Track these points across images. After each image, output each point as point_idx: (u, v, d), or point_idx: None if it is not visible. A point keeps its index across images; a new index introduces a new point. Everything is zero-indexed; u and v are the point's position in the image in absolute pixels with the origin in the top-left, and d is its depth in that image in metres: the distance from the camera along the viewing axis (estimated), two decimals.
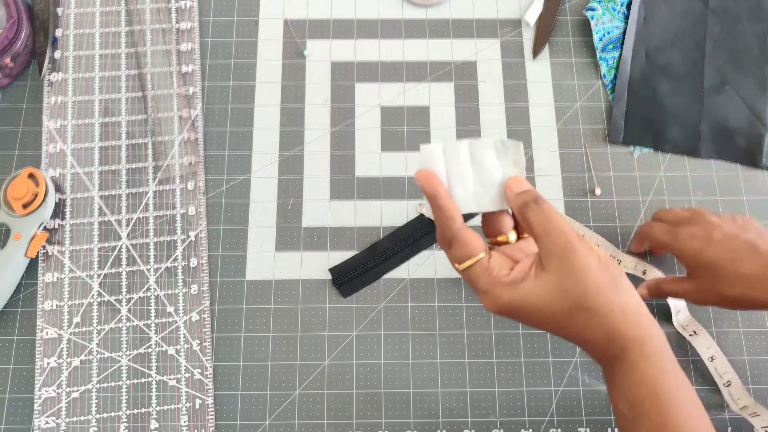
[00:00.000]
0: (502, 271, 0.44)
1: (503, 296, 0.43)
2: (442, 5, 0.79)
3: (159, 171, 0.71)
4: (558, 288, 0.42)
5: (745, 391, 0.63)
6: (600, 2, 0.77)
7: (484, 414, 0.65)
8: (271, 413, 0.64)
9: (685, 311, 0.66)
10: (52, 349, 0.65)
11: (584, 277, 0.42)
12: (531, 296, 0.43)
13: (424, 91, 0.76)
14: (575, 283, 0.42)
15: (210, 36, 0.77)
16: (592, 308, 0.42)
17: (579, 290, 0.42)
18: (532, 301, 0.43)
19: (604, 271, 0.42)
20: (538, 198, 0.44)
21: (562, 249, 0.42)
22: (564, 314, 0.43)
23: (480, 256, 0.45)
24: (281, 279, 0.68)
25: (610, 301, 0.42)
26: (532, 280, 0.43)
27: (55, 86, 0.73)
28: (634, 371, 0.42)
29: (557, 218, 0.43)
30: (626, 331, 0.42)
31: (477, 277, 0.45)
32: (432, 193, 0.46)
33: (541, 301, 0.43)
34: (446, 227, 0.45)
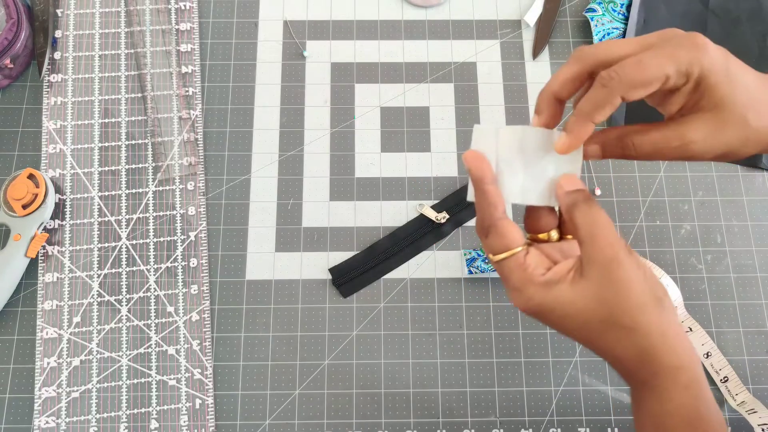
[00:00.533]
0: (538, 270, 0.41)
1: (535, 297, 0.41)
2: (442, 6, 0.79)
3: (159, 171, 0.71)
4: (595, 298, 0.39)
5: (743, 387, 0.63)
6: (600, 3, 0.77)
7: (484, 414, 0.64)
8: (271, 413, 0.64)
9: (681, 308, 0.66)
10: (52, 349, 0.65)
11: (626, 292, 0.39)
12: (565, 301, 0.40)
13: (424, 92, 0.76)
14: (615, 296, 0.39)
15: (210, 37, 0.77)
16: (629, 326, 0.39)
17: (618, 305, 0.39)
18: (565, 306, 0.40)
19: (648, 290, 0.39)
20: (590, 200, 0.41)
21: (607, 258, 0.39)
22: (597, 326, 0.40)
23: (517, 250, 0.42)
24: (281, 279, 0.68)
25: (649, 321, 0.39)
26: (568, 284, 0.40)
27: (55, 87, 0.73)
28: (668, 400, 0.40)
29: (606, 225, 0.40)
30: (663, 356, 0.39)
31: (510, 271, 0.42)
32: (478, 177, 0.43)
33: (574, 308, 0.40)
34: (487, 214, 0.43)
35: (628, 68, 0.40)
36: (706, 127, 0.41)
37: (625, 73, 0.40)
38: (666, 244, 0.70)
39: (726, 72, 0.40)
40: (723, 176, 0.72)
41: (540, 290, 0.41)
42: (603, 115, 0.41)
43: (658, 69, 0.39)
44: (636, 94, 0.40)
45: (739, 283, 0.69)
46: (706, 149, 0.41)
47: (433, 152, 0.73)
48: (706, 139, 0.41)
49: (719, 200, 0.71)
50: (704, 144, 0.41)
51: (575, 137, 0.42)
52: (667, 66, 0.39)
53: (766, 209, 0.71)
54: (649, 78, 0.39)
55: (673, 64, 0.39)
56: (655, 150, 0.42)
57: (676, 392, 0.39)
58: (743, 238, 0.70)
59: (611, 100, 0.40)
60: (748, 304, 0.68)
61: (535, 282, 0.41)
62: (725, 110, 0.40)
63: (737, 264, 0.69)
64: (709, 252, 0.70)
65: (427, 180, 0.72)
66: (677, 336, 0.40)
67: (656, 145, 0.42)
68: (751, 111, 0.41)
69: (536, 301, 0.41)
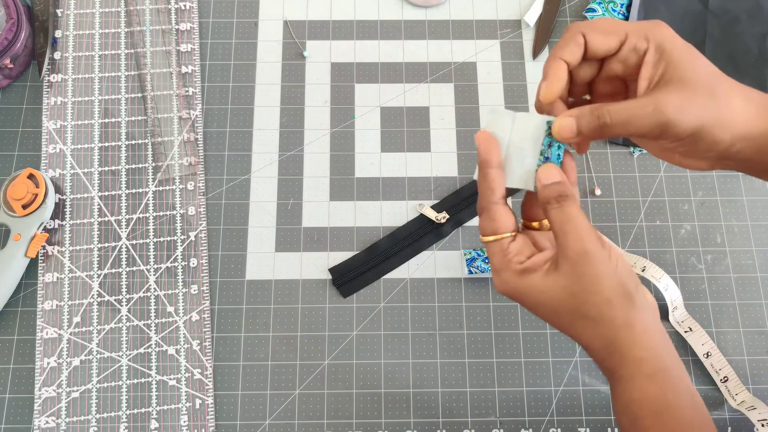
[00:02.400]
0: (518, 257, 0.44)
1: (510, 281, 0.43)
2: (442, 6, 0.79)
3: (159, 171, 0.71)
4: (565, 290, 0.41)
5: (743, 387, 0.63)
6: (600, 3, 0.77)
7: (484, 414, 0.64)
8: (271, 413, 0.64)
9: (681, 308, 0.66)
10: (52, 349, 0.65)
11: (594, 286, 0.41)
12: (536, 290, 0.42)
13: (424, 91, 0.76)
14: (583, 290, 0.41)
15: (210, 37, 0.77)
16: (595, 318, 0.41)
17: (585, 298, 0.41)
18: (536, 294, 0.43)
19: (616, 285, 0.41)
20: (563, 196, 0.42)
21: (576, 253, 0.41)
22: (566, 316, 0.42)
23: (504, 236, 0.44)
24: (281, 279, 0.68)
25: (615, 315, 0.41)
26: (542, 274, 0.42)
27: (55, 87, 0.73)
28: (634, 389, 0.41)
29: (578, 220, 0.42)
30: (627, 348, 0.41)
31: (493, 254, 0.44)
32: (485, 159, 0.44)
33: (544, 296, 0.42)
34: (485, 196, 0.44)
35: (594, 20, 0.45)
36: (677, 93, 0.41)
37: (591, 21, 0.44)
38: (666, 244, 0.70)
39: (688, 49, 0.43)
40: (723, 176, 0.72)
41: (515, 276, 0.43)
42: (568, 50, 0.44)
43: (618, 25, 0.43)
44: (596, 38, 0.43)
45: (739, 283, 0.69)
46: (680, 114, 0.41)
47: (433, 152, 0.73)
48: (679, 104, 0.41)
49: (719, 200, 0.71)
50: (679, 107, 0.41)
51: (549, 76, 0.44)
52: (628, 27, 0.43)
53: (766, 209, 0.71)
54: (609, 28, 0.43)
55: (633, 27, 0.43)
56: (630, 117, 0.42)
57: (641, 381, 0.41)
58: (743, 238, 0.70)
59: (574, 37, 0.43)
60: (748, 304, 0.68)
61: (512, 268, 0.43)
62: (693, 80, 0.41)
63: (737, 264, 0.69)
64: (709, 252, 0.70)
65: (427, 180, 0.72)
66: (646, 330, 0.41)
67: (630, 112, 0.42)
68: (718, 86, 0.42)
69: (510, 286, 0.44)
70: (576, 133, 0.43)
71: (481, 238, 0.45)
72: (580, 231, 0.41)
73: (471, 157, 0.73)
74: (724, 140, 0.42)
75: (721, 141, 0.42)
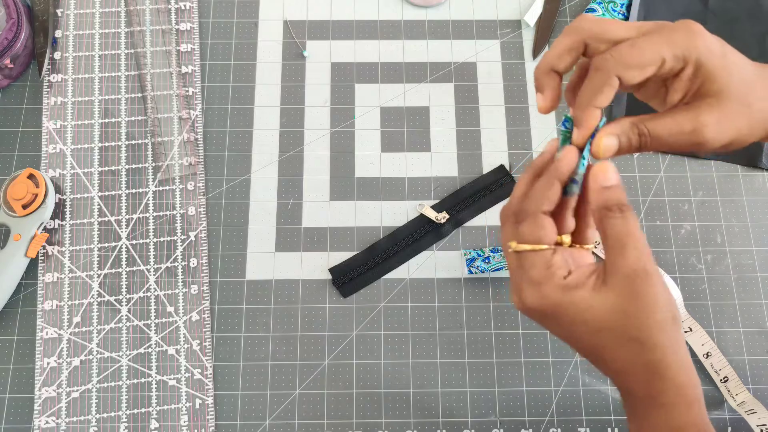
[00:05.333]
0: (561, 271, 0.40)
1: (552, 295, 0.40)
2: (442, 6, 0.79)
3: (159, 171, 0.71)
4: (615, 309, 0.39)
5: (743, 387, 0.63)
6: (600, 3, 0.77)
7: (484, 414, 0.64)
8: (271, 413, 0.64)
9: (681, 308, 0.66)
10: (52, 349, 0.65)
11: (650, 308, 0.38)
12: (582, 306, 0.39)
13: (424, 91, 0.76)
14: (637, 310, 0.38)
15: (210, 37, 0.77)
16: (644, 341, 0.39)
17: (639, 319, 0.38)
18: (581, 311, 0.40)
19: (668, 307, 0.39)
20: (624, 205, 0.40)
21: (634, 271, 0.38)
22: (609, 336, 0.39)
23: (545, 246, 0.41)
24: (281, 279, 0.68)
25: (665, 339, 0.39)
26: (589, 290, 0.39)
27: (55, 87, 0.73)
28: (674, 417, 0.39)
29: (638, 235, 0.39)
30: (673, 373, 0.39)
31: (532, 265, 0.41)
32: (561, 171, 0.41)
33: (590, 314, 0.39)
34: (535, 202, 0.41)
35: (623, 50, 0.39)
36: (715, 111, 0.40)
37: (621, 54, 0.39)
38: (666, 244, 0.70)
39: (723, 57, 0.40)
40: (723, 176, 0.72)
41: (558, 291, 0.40)
42: (603, 97, 0.40)
43: (653, 52, 0.39)
44: (632, 75, 0.39)
45: (739, 283, 0.69)
46: (718, 134, 0.40)
47: (433, 152, 0.73)
48: (717, 122, 0.39)
49: (719, 200, 0.71)
50: (716, 127, 0.39)
51: (584, 126, 0.41)
52: (662, 49, 0.39)
53: (766, 209, 0.71)
54: (644, 60, 0.39)
55: (668, 48, 0.39)
56: (669, 134, 0.40)
57: (685, 409, 0.39)
58: (743, 238, 0.70)
59: (608, 81, 0.39)
60: (748, 304, 0.68)
61: (556, 282, 0.40)
62: (730, 93, 0.40)
63: (737, 264, 0.69)
64: (709, 252, 0.70)
65: (427, 180, 0.72)
66: (686, 354, 0.40)
67: (670, 130, 0.40)
68: (752, 93, 0.40)
69: (552, 300, 0.40)
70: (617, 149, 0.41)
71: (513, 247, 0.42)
72: (640, 247, 0.39)
73: (471, 157, 0.73)
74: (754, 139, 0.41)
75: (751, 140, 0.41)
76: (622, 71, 0.39)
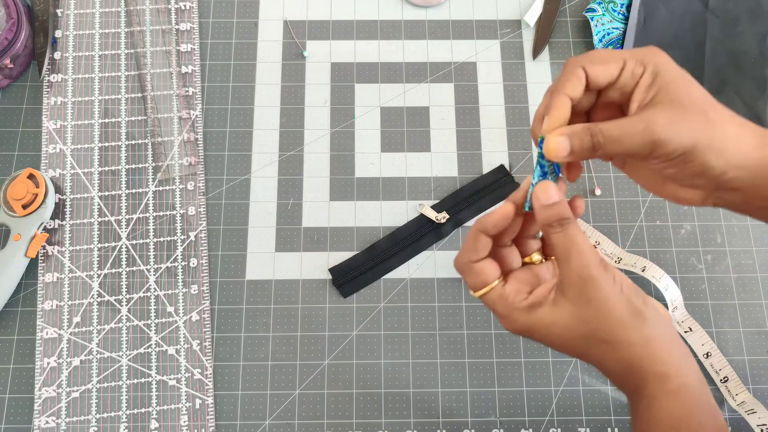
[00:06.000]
0: (518, 296, 0.44)
1: (519, 320, 0.43)
2: (442, 6, 0.79)
3: (159, 171, 0.71)
4: (575, 317, 0.41)
5: (743, 387, 0.63)
6: (600, 3, 0.77)
7: (484, 414, 0.64)
8: (271, 413, 0.64)
9: (681, 308, 0.66)
10: (52, 349, 0.65)
11: (603, 310, 0.40)
12: (547, 322, 0.42)
13: (424, 91, 0.76)
14: (593, 315, 0.40)
15: (210, 37, 0.77)
16: (610, 341, 0.41)
17: (597, 322, 0.40)
18: (548, 327, 0.42)
19: (626, 304, 0.40)
20: (564, 218, 0.41)
21: (581, 278, 0.40)
22: (581, 342, 0.42)
23: (494, 284, 0.44)
24: (281, 279, 0.68)
25: (629, 335, 0.40)
26: (549, 306, 0.42)
27: (55, 87, 0.73)
28: (656, 407, 0.40)
29: (581, 244, 0.41)
30: (648, 365, 0.40)
31: (494, 303, 0.45)
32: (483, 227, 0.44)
33: (557, 327, 0.42)
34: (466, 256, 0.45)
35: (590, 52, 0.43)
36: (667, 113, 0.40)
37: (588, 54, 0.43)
38: (666, 244, 0.70)
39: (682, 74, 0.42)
40: None
41: (523, 314, 0.43)
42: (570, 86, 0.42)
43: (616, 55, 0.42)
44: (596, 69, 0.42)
45: (739, 283, 0.69)
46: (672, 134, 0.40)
47: (433, 152, 0.73)
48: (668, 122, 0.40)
49: None
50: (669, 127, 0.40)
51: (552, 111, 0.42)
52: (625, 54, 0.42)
53: None
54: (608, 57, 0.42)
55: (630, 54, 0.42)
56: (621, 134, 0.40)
57: (664, 400, 0.40)
58: (743, 238, 0.70)
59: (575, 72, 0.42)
60: (748, 304, 0.68)
61: (518, 307, 0.43)
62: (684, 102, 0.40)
63: (737, 264, 0.69)
64: (709, 252, 0.70)
65: (427, 180, 0.72)
66: (663, 344, 0.41)
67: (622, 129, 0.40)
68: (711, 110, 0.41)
69: (521, 324, 0.43)
70: (569, 151, 0.41)
71: (474, 295, 0.45)
72: (583, 255, 0.41)
73: (471, 157, 0.73)
74: (717, 166, 0.40)
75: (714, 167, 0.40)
76: (587, 64, 0.42)
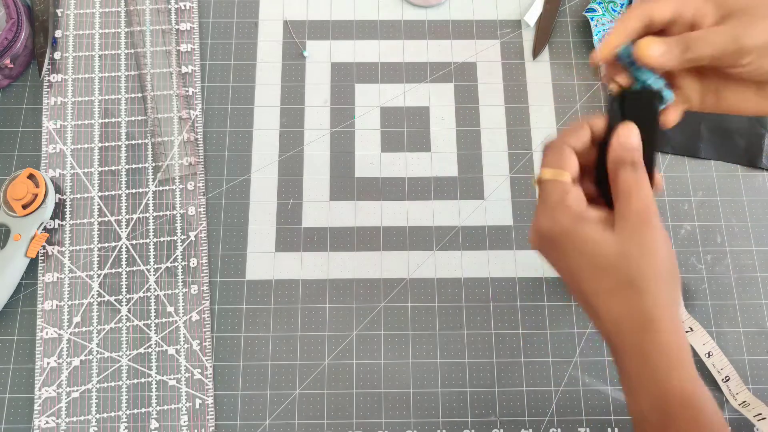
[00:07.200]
0: (576, 201, 0.42)
1: (563, 221, 0.42)
2: (442, 6, 0.79)
3: (159, 171, 0.71)
4: (619, 251, 0.40)
5: (744, 386, 0.63)
6: (600, 3, 0.77)
7: (484, 414, 0.64)
8: (271, 413, 0.64)
9: (681, 307, 0.66)
10: (52, 349, 0.65)
11: (650, 256, 0.40)
12: (589, 239, 0.41)
13: (424, 91, 0.76)
14: (639, 256, 0.40)
15: (210, 37, 0.77)
16: (642, 289, 0.40)
17: (639, 265, 0.40)
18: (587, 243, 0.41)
19: (669, 263, 0.40)
20: (638, 161, 0.42)
21: (640, 219, 0.40)
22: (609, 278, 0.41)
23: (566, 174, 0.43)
24: (281, 279, 0.68)
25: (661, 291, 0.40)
26: (599, 227, 0.41)
27: (55, 87, 0.73)
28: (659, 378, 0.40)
29: (646, 188, 0.41)
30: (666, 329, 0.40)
31: (551, 191, 0.43)
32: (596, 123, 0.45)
33: (596, 248, 0.41)
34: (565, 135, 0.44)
35: None
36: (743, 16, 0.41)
37: None
38: None
39: None
40: (723, 176, 0.72)
41: (570, 218, 0.42)
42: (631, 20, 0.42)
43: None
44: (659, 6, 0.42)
45: (739, 283, 0.69)
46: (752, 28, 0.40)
47: (433, 152, 0.73)
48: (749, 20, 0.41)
49: (719, 200, 0.71)
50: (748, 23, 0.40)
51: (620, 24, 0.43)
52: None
53: (766, 209, 0.71)
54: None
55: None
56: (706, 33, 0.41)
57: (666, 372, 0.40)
58: (743, 238, 0.70)
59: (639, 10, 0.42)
60: (748, 304, 0.68)
61: (571, 209, 0.42)
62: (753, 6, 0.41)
63: (737, 264, 0.69)
64: (709, 252, 0.70)
65: (427, 180, 0.72)
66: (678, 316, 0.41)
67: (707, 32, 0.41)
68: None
69: (563, 225, 0.42)
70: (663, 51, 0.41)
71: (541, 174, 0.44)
72: (646, 199, 0.41)
73: (471, 157, 0.73)
74: None
75: None
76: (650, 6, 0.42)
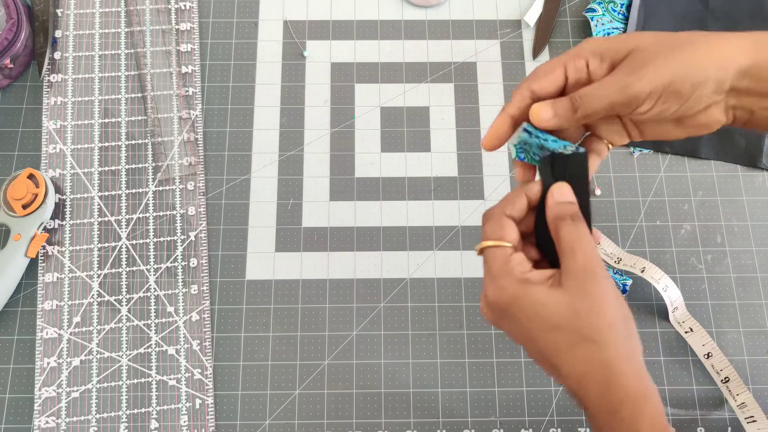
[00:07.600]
0: (519, 266, 0.42)
1: (509, 288, 0.41)
2: (442, 6, 0.79)
3: (159, 171, 0.71)
4: (569, 308, 0.40)
5: (744, 387, 0.63)
6: (600, 3, 0.77)
7: (484, 414, 0.64)
8: (271, 413, 0.64)
9: (682, 308, 0.66)
10: (52, 349, 0.65)
11: (599, 307, 0.40)
12: (538, 301, 0.41)
13: (424, 91, 0.76)
14: (589, 309, 0.40)
15: (210, 37, 0.77)
16: (600, 342, 0.39)
17: (590, 319, 0.39)
18: (537, 306, 0.41)
19: (620, 309, 0.40)
20: (577, 215, 0.42)
21: (585, 272, 0.40)
22: (565, 336, 0.40)
23: (506, 244, 0.43)
24: (281, 279, 0.68)
25: (618, 341, 0.39)
26: (545, 287, 0.41)
27: (55, 87, 0.73)
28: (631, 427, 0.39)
29: (588, 240, 0.41)
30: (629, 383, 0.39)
31: (493, 259, 0.43)
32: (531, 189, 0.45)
33: (546, 310, 0.40)
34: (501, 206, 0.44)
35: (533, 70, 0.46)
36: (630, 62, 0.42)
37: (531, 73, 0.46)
38: (666, 244, 0.70)
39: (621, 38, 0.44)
40: (723, 176, 0.72)
41: (516, 284, 0.41)
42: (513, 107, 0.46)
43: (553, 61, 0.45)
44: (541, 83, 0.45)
45: (739, 283, 0.69)
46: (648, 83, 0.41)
47: (433, 152, 0.73)
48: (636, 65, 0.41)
49: (719, 200, 0.71)
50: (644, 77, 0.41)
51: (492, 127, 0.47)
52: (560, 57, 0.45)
53: (766, 209, 0.71)
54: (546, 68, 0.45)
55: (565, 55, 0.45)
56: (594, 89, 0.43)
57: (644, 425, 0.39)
58: (743, 238, 0.70)
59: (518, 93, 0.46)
60: (748, 304, 0.68)
61: (515, 275, 0.42)
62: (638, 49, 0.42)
63: (737, 264, 0.69)
64: (709, 252, 0.70)
65: (427, 180, 0.72)
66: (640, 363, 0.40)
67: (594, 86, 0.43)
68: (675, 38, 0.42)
69: (509, 293, 0.41)
70: (552, 114, 0.43)
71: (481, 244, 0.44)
72: (590, 251, 0.41)
73: (471, 157, 0.73)
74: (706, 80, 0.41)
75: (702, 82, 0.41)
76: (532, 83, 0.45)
